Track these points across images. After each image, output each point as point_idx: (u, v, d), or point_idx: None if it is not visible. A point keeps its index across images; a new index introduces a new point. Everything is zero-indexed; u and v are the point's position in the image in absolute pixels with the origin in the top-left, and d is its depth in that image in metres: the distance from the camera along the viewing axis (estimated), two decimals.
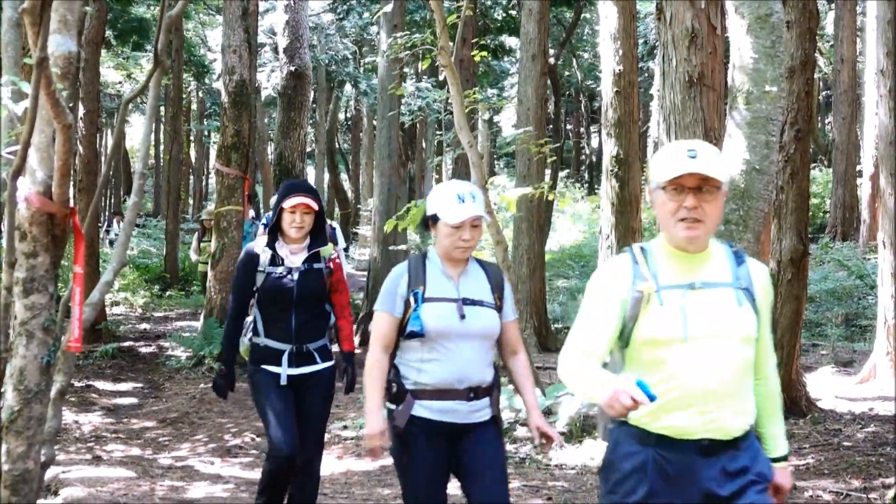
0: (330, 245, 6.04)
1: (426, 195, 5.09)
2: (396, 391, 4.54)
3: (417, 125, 30.45)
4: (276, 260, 5.87)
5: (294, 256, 5.89)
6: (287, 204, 5.80)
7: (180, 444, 9.78)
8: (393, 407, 4.54)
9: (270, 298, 5.83)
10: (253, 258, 5.88)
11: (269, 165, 25.83)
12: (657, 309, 3.46)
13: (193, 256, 19.99)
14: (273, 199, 10.90)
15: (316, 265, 5.92)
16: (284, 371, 5.81)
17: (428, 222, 4.63)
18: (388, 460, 8.74)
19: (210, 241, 16.71)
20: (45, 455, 4.70)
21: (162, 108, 34.42)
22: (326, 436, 5.63)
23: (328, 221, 12.57)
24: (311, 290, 5.88)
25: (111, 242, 32.72)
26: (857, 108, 24.75)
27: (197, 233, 18.68)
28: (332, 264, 5.99)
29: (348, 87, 40.01)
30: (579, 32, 36.68)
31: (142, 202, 8.79)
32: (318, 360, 5.91)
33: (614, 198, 10.91)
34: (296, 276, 5.83)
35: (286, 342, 5.83)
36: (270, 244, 5.88)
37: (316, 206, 5.85)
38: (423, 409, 4.48)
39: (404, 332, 4.52)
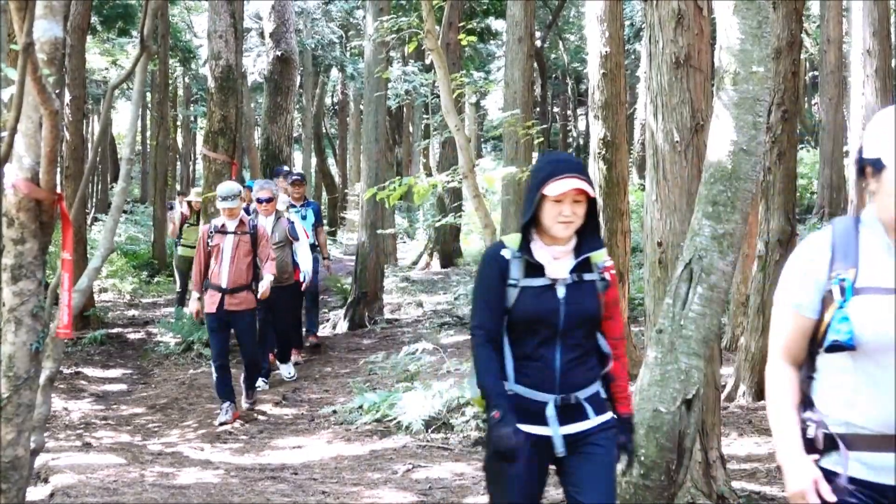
0: (603, 249, 4.19)
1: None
2: (816, 435, 3.08)
3: (404, 109, 30.46)
4: (531, 269, 4.04)
5: (558, 263, 4.05)
6: (551, 191, 3.91)
7: (170, 430, 9.78)
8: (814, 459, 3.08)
9: (526, 325, 4.03)
10: (503, 265, 4.06)
11: (256, 150, 25.76)
12: None
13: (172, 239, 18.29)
14: (253, 180, 10.70)
15: (587, 276, 4.09)
16: (557, 433, 3.99)
17: (865, 169, 3.15)
18: (377, 445, 8.80)
19: (196, 224, 16.45)
20: (35, 442, 4.71)
21: (148, 94, 34.25)
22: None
23: (285, 214, 12.27)
24: (584, 311, 4.06)
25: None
26: (844, 89, 24.74)
27: (181, 214, 16.92)
28: (607, 274, 4.15)
29: (335, 72, 39.94)
30: (566, 15, 36.64)
31: (129, 188, 8.75)
32: (592, 412, 4.06)
33: (602, 180, 10.89)
34: (562, 291, 4.03)
35: (548, 390, 4.00)
36: (525, 247, 4.05)
37: (591, 192, 3.98)
38: (860, 466, 2.99)
39: (823, 342, 3.03)
